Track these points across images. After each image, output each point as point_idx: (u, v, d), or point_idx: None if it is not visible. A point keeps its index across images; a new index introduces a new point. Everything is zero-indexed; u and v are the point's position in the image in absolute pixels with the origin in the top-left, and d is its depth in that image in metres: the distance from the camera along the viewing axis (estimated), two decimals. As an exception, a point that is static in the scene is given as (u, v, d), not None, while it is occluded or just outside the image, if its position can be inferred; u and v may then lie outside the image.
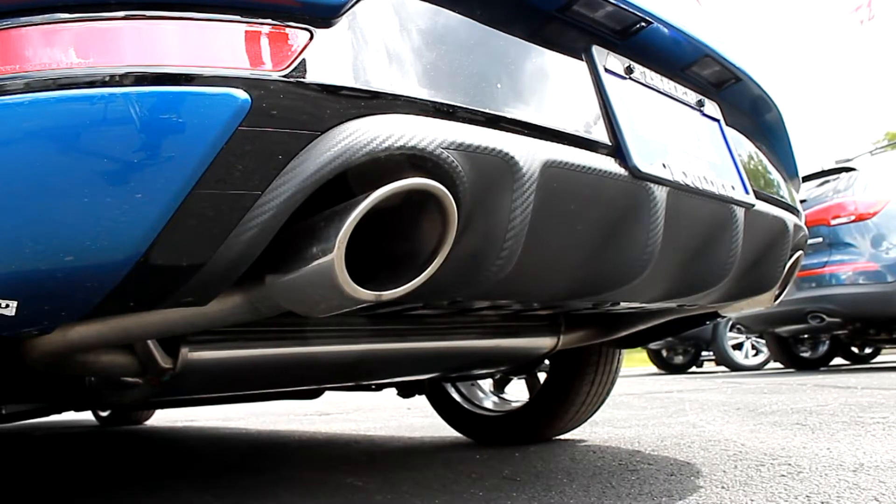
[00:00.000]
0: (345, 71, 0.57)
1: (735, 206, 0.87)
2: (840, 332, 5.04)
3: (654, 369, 7.76)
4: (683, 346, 7.12)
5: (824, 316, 4.69)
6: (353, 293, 0.57)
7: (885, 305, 4.56)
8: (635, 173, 0.73)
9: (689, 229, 0.82)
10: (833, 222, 4.80)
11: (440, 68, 0.63)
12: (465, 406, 1.77)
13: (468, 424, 1.77)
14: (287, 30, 0.55)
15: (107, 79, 0.50)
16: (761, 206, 0.95)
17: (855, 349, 6.31)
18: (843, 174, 5.01)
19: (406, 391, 1.81)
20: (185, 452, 2.09)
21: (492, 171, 0.61)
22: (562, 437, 1.75)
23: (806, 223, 4.58)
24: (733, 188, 0.88)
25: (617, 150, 0.73)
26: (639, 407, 2.62)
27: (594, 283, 0.78)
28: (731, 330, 6.28)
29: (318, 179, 0.54)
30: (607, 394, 1.60)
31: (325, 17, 0.57)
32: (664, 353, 7.38)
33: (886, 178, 4.83)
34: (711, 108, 0.95)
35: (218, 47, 0.53)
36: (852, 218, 4.74)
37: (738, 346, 6.52)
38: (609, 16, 0.81)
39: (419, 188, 0.56)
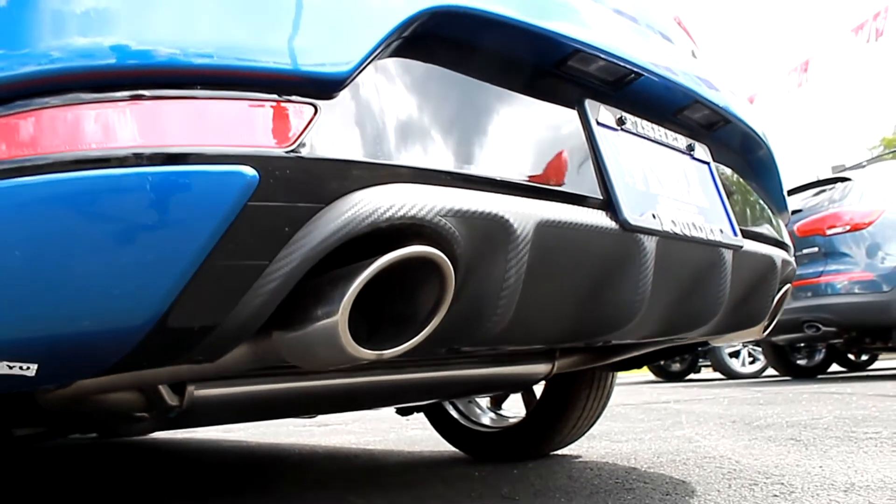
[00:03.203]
0: (347, 143, 0.60)
1: (723, 249, 0.91)
2: (836, 340, 5.08)
3: (652, 377, 7.78)
4: (680, 354, 7.13)
5: (820, 325, 4.74)
6: (355, 353, 0.60)
7: (880, 314, 4.60)
8: (625, 226, 0.76)
9: (678, 274, 0.86)
10: (828, 232, 4.85)
11: (437, 134, 0.66)
12: (463, 422, 1.81)
13: (465, 440, 1.81)
14: (292, 106, 0.58)
15: (122, 159, 0.53)
16: (749, 245, 0.98)
17: (851, 356, 6.36)
18: (839, 184, 5.06)
19: (405, 410, 1.85)
20: (185, 467, 2.11)
21: (488, 234, 0.64)
22: (559, 452, 1.77)
23: (801, 233, 4.57)
24: (721, 231, 0.91)
25: (608, 203, 0.77)
26: (635, 419, 2.64)
27: (586, 329, 0.81)
28: (727, 338, 6.29)
29: (323, 249, 0.57)
30: (602, 410, 1.64)
31: (328, 90, 0.60)
32: (661, 360, 7.40)
33: (881, 187, 4.88)
34: (701, 151, 0.98)
35: (226, 126, 0.56)
36: (847, 228, 4.79)
37: (735, 355, 6.55)
38: (601, 69, 0.84)
39: (418, 256, 0.59)
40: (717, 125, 1.02)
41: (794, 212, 5.15)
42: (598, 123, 0.81)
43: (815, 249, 4.87)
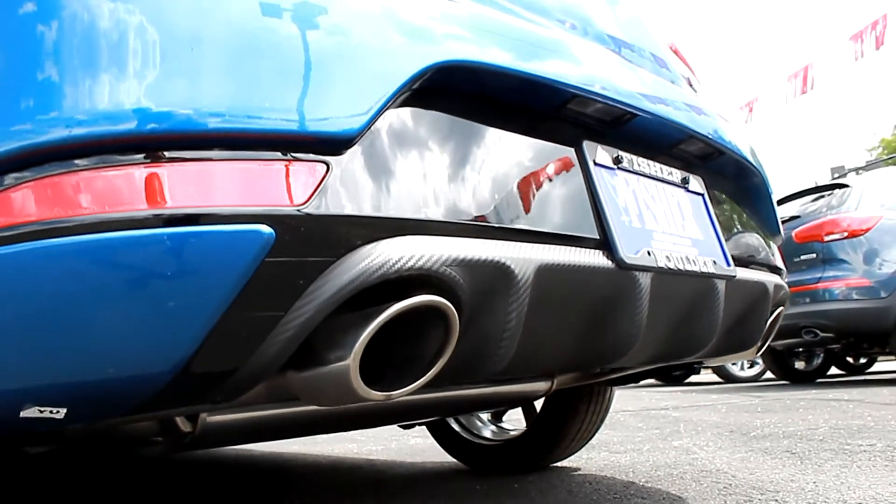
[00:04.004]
0: (357, 198, 0.63)
1: (716, 280, 0.94)
2: (834, 346, 5.12)
3: (651, 380, 7.82)
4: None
5: (818, 331, 4.78)
6: (364, 394, 0.64)
7: (878, 320, 4.64)
8: (621, 265, 0.80)
9: (672, 306, 0.89)
10: (826, 238, 4.89)
11: (443, 184, 0.69)
12: (464, 435, 1.84)
13: (466, 453, 1.84)
14: (305, 165, 0.62)
15: (146, 220, 0.56)
16: (742, 273, 1.02)
17: (850, 359, 6.39)
18: (837, 190, 5.10)
19: (407, 424, 1.88)
20: (186, 477, 2.13)
21: (490, 280, 0.68)
22: (560, 463, 1.81)
23: (800, 239, 4.59)
24: (714, 263, 0.95)
25: (605, 243, 0.80)
26: (634, 427, 2.67)
27: (583, 361, 0.85)
28: (726, 342, 6.34)
29: (336, 300, 0.61)
30: (601, 423, 1.67)
31: (339, 148, 0.64)
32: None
33: (879, 194, 4.92)
34: (696, 183, 1.02)
35: (243, 186, 0.59)
36: (845, 234, 4.82)
37: (734, 358, 6.57)
38: (599, 111, 0.88)
39: (425, 304, 0.63)
40: (711, 156, 1.06)
41: (792, 218, 5.19)
42: (596, 164, 0.84)
43: (813, 256, 4.91)
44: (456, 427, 1.82)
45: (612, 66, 0.94)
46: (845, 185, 5.05)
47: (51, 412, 0.61)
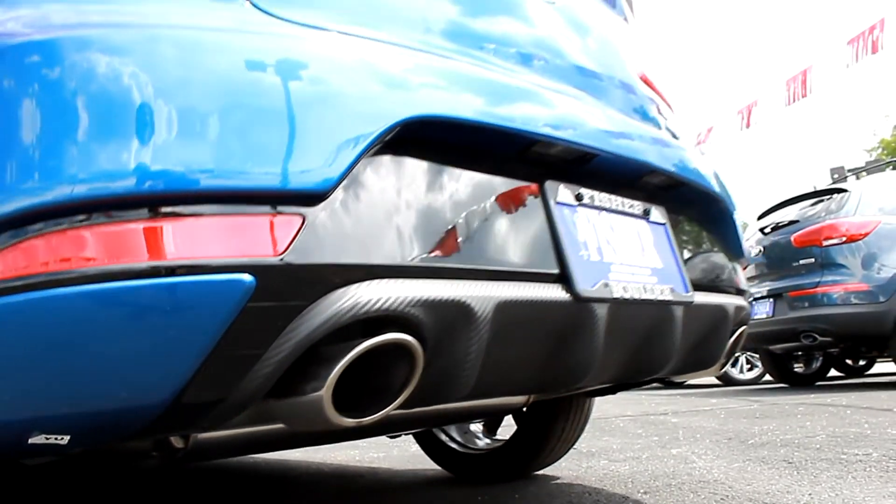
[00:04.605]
0: (330, 247, 0.71)
1: (674, 306, 1.02)
2: (833, 350, 5.15)
3: (652, 383, 7.80)
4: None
5: (817, 335, 4.82)
6: (337, 421, 0.72)
7: (876, 325, 4.69)
8: (578, 298, 0.87)
9: (629, 332, 0.97)
10: (825, 243, 4.94)
11: (410, 230, 0.77)
12: (449, 444, 1.92)
13: (451, 461, 1.92)
14: (283, 217, 0.70)
15: (140, 272, 0.65)
16: (702, 298, 1.09)
17: (849, 361, 6.42)
18: (836, 195, 5.15)
19: (393, 435, 1.96)
20: (189, 483, 2.18)
21: (451, 317, 0.76)
22: (561, 473, 1.87)
23: (798, 243, 4.64)
24: (672, 290, 1.02)
25: (563, 277, 0.88)
26: (634, 434, 2.74)
27: (544, 385, 0.93)
28: (726, 346, 6.38)
29: (311, 339, 0.69)
30: (581, 432, 1.75)
31: (314, 201, 0.72)
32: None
33: (877, 199, 4.96)
34: (657, 213, 1.10)
35: (228, 239, 0.67)
36: (844, 239, 4.88)
37: (734, 361, 6.63)
38: (561, 152, 0.95)
39: (391, 341, 0.71)
40: (673, 187, 1.14)
41: (791, 222, 5.23)
42: (557, 203, 0.92)
43: (812, 260, 4.96)
44: (442, 437, 1.90)
45: (575, 108, 1.01)
46: (844, 190, 5.09)
47: (56, 439, 0.69)
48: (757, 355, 6.21)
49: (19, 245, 0.66)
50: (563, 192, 0.94)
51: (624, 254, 0.98)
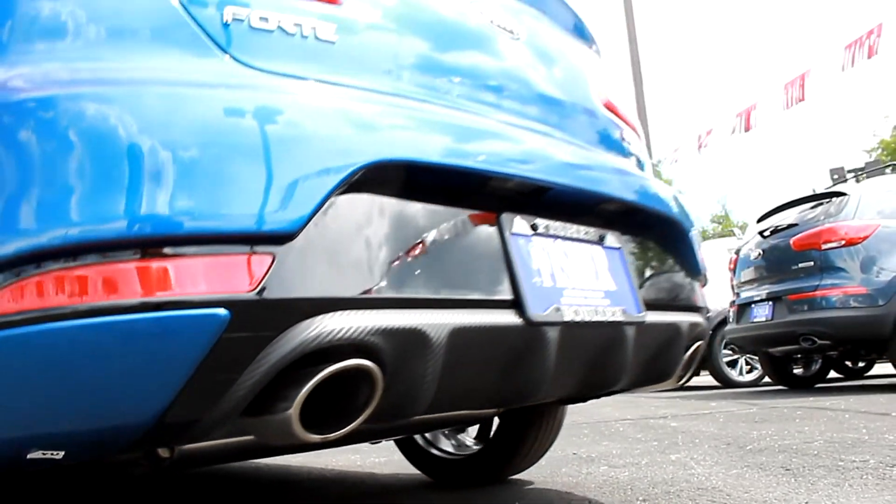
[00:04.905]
0: (298, 282, 0.82)
1: (625, 326, 1.11)
2: (831, 353, 5.19)
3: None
4: (679, 363, 7.27)
5: (816, 338, 4.87)
6: (305, 437, 0.82)
7: (875, 328, 4.75)
8: (530, 322, 0.97)
9: (580, 352, 1.07)
10: (824, 247, 5.00)
11: (373, 264, 0.87)
12: (429, 450, 2.03)
13: (431, 466, 2.04)
14: (256, 257, 0.80)
15: (126, 308, 0.75)
16: (654, 317, 1.19)
17: (848, 363, 6.45)
18: (835, 198, 5.19)
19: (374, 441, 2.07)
20: (190, 488, 2.25)
21: (408, 343, 0.86)
22: (562, 479, 1.94)
23: (798, 247, 4.69)
24: (624, 311, 1.11)
25: (516, 303, 0.97)
26: (633, 439, 2.82)
27: (500, 400, 1.02)
28: (725, 348, 6.45)
29: (281, 365, 0.79)
30: (554, 438, 1.86)
31: (283, 241, 0.81)
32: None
33: (876, 202, 5.00)
34: (613, 239, 1.19)
35: (206, 277, 0.78)
36: (843, 243, 4.94)
37: (733, 364, 6.68)
38: (517, 186, 1.05)
39: (353, 367, 0.80)
40: (629, 213, 1.23)
41: (790, 226, 5.28)
42: (512, 234, 1.02)
43: (811, 263, 5.03)
44: (421, 442, 2.02)
45: (535, 143, 1.11)
46: (843, 194, 5.13)
47: (52, 454, 0.79)
48: (756, 357, 6.25)
49: (19, 283, 0.76)
50: (518, 224, 1.03)
51: (577, 279, 1.07)
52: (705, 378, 7.65)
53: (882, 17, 5.95)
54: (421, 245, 0.93)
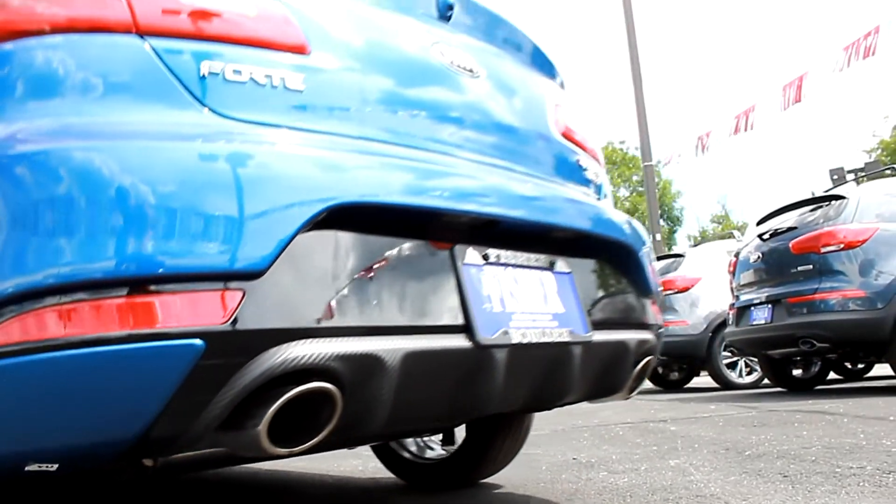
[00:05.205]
0: (266, 314, 0.95)
1: (572, 346, 1.22)
2: (830, 355, 5.24)
3: (650, 385, 7.91)
4: (679, 363, 7.36)
5: (815, 341, 4.93)
6: (272, 451, 0.95)
7: (874, 331, 4.83)
8: (479, 346, 1.10)
9: (528, 371, 1.20)
10: (823, 250, 5.07)
11: (334, 296, 1.00)
12: (404, 455, 2.17)
13: (405, 470, 2.18)
14: (228, 292, 0.92)
15: (114, 339, 0.87)
16: (602, 336, 1.31)
17: (848, 364, 6.49)
18: (834, 201, 5.25)
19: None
20: (189, 494, 2.31)
21: (365, 367, 0.99)
22: (562, 486, 2.02)
23: (797, 250, 4.77)
24: (571, 332, 1.23)
25: (466, 328, 1.10)
26: (633, 443, 2.92)
27: (453, 415, 1.14)
28: (724, 350, 6.52)
29: (250, 388, 0.93)
30: (521, 445, 2.00)
31: (253, 277, 0.94)
32: (660, 369, 7.62)
33: (875, 205, 5.05)
34: (562, 264, 1.31)
35: (183, 311, 0.90)
36: (841, 246, 5.01)
37: (733, 365, 6.75)
38: (471, 220, 1.18)
39: (314, 389, 0.92)
40: (579, 240, 1.34)
41: (789, 229, 5.34)
42: (465, 264, 1.14)
43: (810, 267, 5.11)
44: (395, 448, 2.17)
45: (490, 179, 1.25)
46: (842, 197, 5.19)
47: (47, 467, 0.92)
48: (756, 360, 6.31)
49: (19, 317, 0.88)
50: (470, 254, 1.15)
51: (526, 303, 1.19)
52: (705, 380, 7.72)
53: (880, 19, 6.02)
54: (380, 277, 1.05)
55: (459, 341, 1.08)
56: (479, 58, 1.38)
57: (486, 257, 1.17)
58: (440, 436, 2.19)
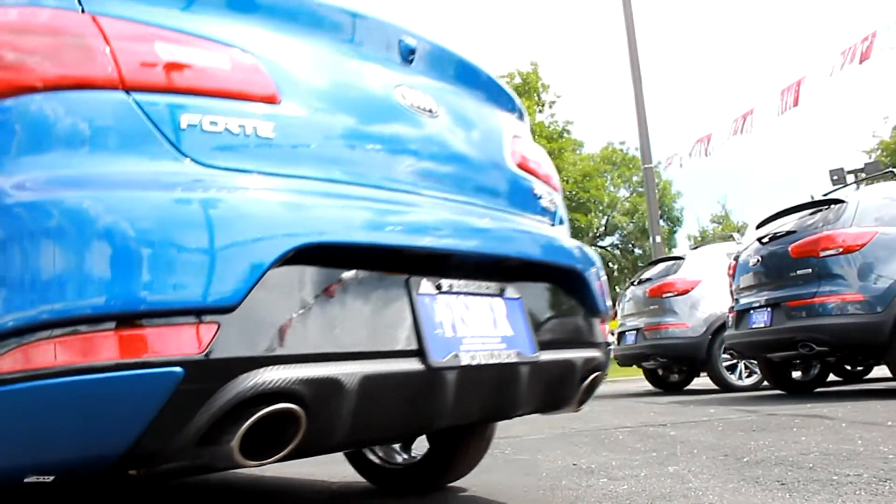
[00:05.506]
0: (239, 344, 1.11)
1: (519, 366, 1.36)
2: (830, 359, 5.30)
3: (650, 387, 8.00)
4: (678, 366, 7.43)
5: (814, 345, 5.00)
6: (244, 463, 1.11)
7: (873, 334, 4.93)
8: (430, 368, 1.25)
9: (478, 389, 1.35)
10: (822, 254, 5.16)
11: (300, 326, 1.16)
12: (374, 460, 2.32)
13: (375, 475, 2.34)
14: (204, 325, 1.08)
15: (103, 367, 1.02)
16: (549, 355, 1.46)
17: (848, 367, 6.53)
18: (833, 206, 5.32)
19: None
20: (187, 499, 2.42)
21: (326, 389, 1.16)
22: (561, 493, 2.10)
23: (796, 254, 4.89)
24: (519, 353, 1.38)
25: (419, 352, 1.25)
26: (632, 449, 3.01)
27: (409, 430, 1.28)
28: (724, 352, 6.59)
29: (223, 409, 1.10)
30: (485, 452, 2.16)
31: (226, 311, 1.09)
32: (660, 371, 7.70)
33: (874, 209, 5.11)
34: (512, 290, 1.46)
35: (163, 341, 1.05)
36: (841, 250, 5.10)
37: (732, 368, 6.83)
38: (425, 254, 1.35)
39: (281, 410, 1.08)
40: (529, 267, 1.49)
41: (789, 233, 5.41)
42: (419, 294, 1.29)
43: (809, 270, 5.20)
44: (369, 455, 2.34)
45: (444, 215, 1.42)
46: (842, 201, 5.26)
47: (44, 479, 1.08)
48: (755, 362, 6.37)
49: (19, 349, 1.04)
50: (424, 285, 1.30)
51: (477, 328, 1.34)
52: (705, 381, 7.81)
53: (876, 24, 6.10)
54: (341, 307, 1.20)
55: (413, 364, 1.23)
56: (439, 97, 1.52)
57: (439, 287, 1.32)
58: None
